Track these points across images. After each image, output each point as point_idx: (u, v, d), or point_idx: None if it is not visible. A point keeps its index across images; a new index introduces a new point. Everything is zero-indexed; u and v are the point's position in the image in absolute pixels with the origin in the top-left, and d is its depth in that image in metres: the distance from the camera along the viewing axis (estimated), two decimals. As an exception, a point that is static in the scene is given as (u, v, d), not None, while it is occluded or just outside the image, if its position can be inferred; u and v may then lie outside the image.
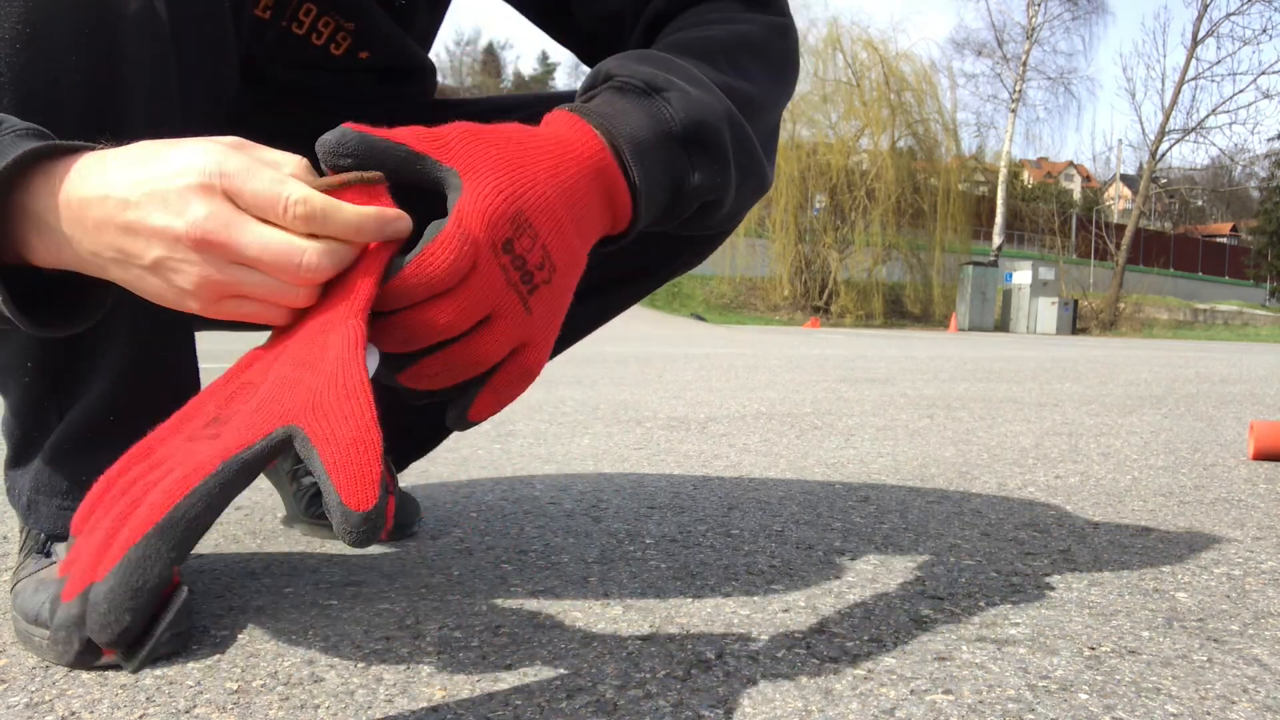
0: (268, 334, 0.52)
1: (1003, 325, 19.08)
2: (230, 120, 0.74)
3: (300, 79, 0.84)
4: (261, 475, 1.35)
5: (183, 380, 0.74)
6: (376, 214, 0.47)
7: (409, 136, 0.50)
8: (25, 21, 0.56)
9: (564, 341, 0.96)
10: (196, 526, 0.41)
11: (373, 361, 0.48)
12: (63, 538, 0.71)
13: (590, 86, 0.61)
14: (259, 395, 0.46)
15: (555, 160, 0.53)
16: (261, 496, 1.25)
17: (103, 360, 0.67)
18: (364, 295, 0.47)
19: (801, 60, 0.81)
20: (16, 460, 0.71)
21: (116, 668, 0.64)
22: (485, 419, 0.53)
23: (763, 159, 0.67)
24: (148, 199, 0.45)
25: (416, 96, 0.93)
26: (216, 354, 1.45)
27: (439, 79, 0.99)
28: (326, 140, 0.48)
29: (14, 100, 0.56)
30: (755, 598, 0.84)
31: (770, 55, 0.72)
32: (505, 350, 0.51)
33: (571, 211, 0.53)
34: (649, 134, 0.57)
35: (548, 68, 49.30)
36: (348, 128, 0.48)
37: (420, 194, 0.50)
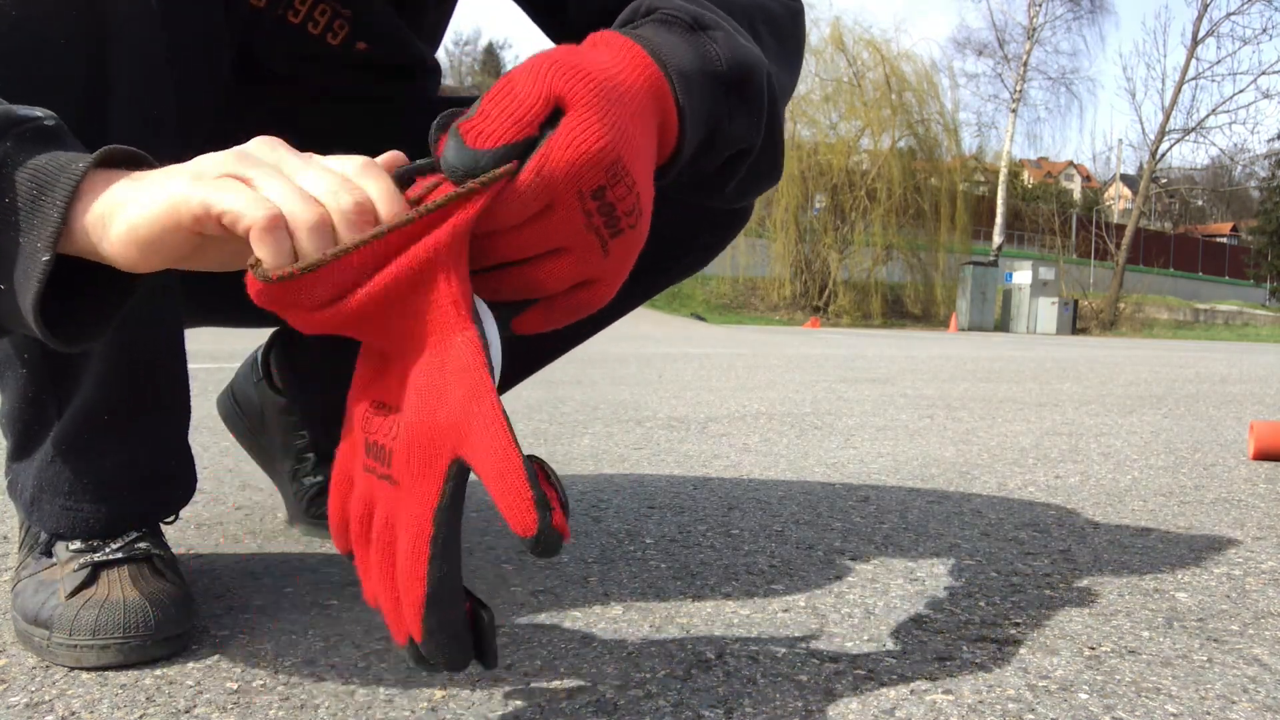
0: (266, 333, 0.52)
1: (1003, 325, 19.08)
2: (226, 114, 0.74)
3: (298, 73, 0.84)
4: (262, 475, 1.35)
5: (174, 377, 0.74)
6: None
7: (519, 125, 0.46)
8: (15, 4, 0.56)
9: (569, 343, 0.97)
10: (450, 580, 0.46)
11: (495, 347, 0.47)
12: (64, 537, 0.71)
13: (630, 19, 0.59)
14: (404, 423, 0.46)
15: (635, 91, 0.50)
16: (262, 496, 1.25)
17: (95, 354, 0.67)
18: (462, 289, 0.45)
19: (804, 60, 0.81)
20: (19, 453, 0.71)
21: (116, 668, 0.64)
22: (530, 333, 0.52)
23: (781, 137, 0.65)
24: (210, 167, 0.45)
25: (418, 94, 0.93)
26: (216, 354, 1.45)
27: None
28: (454, 170, 0.45)
29: (6, 78, 0.55)
30: (755, 598, 0.84)
31: (784, 34, 0.71)
32: (568, 284, 0.49)
33: (649, 147, 0.51)
34: (695, 68, 0.54)
35: (548, 67, 49.09)
36: (467, 144, 0.45)
37: None
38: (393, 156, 0.48)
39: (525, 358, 0.94)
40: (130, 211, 0.44)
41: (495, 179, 0.44)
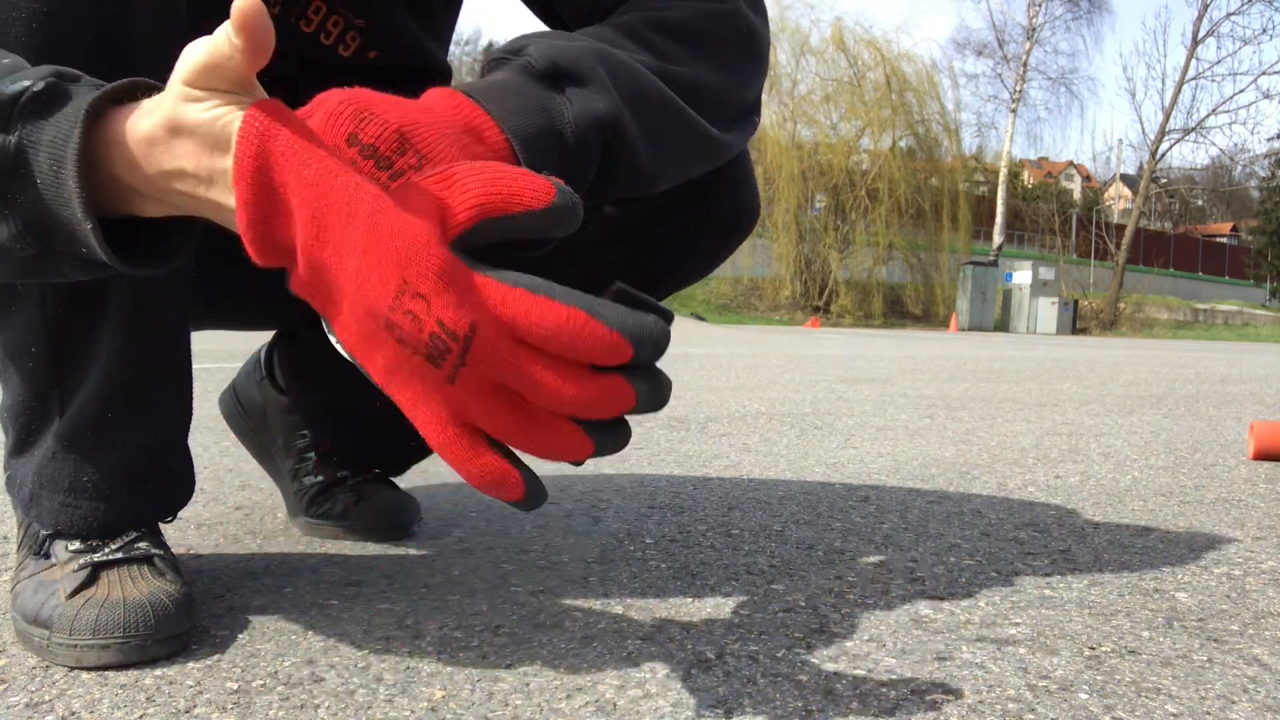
0: (266, 337, 0.52)
1: (1003, 325, 19.08)
2: None
3: (305, 77, 0.84)
4: (262, 475, 1.35)
5: (175, 376, 0.74)
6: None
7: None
8: (44, 1, 0.57)
9: None
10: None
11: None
12: (61, 535, 0.71)
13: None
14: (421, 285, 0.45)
15: (407, 99, 0.53)
16: (262, 496, 1.25)
17: (99, 351, 0.67)
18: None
19: (804, 60, 0.81)
20: (19, 449, 0.71)
21: (117, 668, 0.64)
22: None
23: (683, 106, 0.66)
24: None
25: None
26: (217, 354, 1.45)
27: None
28: None
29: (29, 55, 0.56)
30: (755, 598, 0.84)
31: (694, 35, 0.70)
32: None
33: (436, 121, 0.52)
34: (504, 78, 0.57)
35: (548, 67, 49.12)
36: None
37: None
38: None
39: None
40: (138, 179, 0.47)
41: None
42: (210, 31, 0.65)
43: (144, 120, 0.47)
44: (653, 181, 0.66)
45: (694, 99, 0.67)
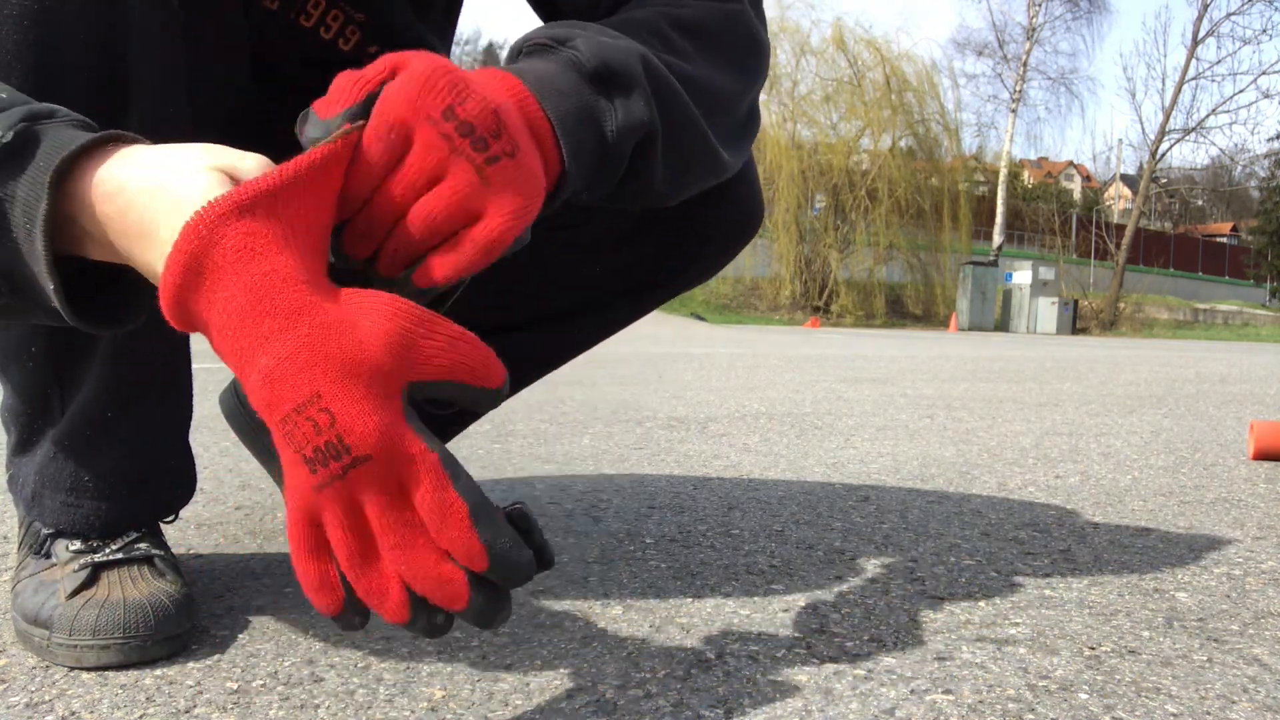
0: None
1: (1003, 325, 19.08)
2: (237, 115, 0.74)
3: (306, 74, 0.84)
4: (262, 475, 1.35)
5: (175, 376, 0.74)
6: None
7: (363, 82, 0.49)
8: None
9: (571, 352, 0.96)
10: (477, 489, 0.45)
11: None
12: (63, 534, 0.71)
13: (508, 62, 0.61)
14: (332, 404, 0.45)
15: (486, 76, 0.52)
16: (262, 497, 1.25)
17: (100, 351, 0.67)
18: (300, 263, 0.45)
19: (805, 60, 0.81)
20: (21, 448, 0.71)
21: (117, 668, 0.64)
22: (429, 284, 0.50)
23: (703, 126, 0.65)
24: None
25: None
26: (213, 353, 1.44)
27: None
28: (314, 142, 0.47)
29: (22, 71, 0.56)
30: (755, 598, 0.84)
31: (710, 37, 0.70)
32: (457, 211, 0.48)
33: (520, 102, 0.51)
34: (555, 73, 0.56)
35: (548, 67, 49.18)
36: (318, 116, 0.48)
37: None
38: None
39: (527, 364, 0.94)
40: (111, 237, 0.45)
41: (340, 135, 0.46)
42: (205, 29, 0.65)
43: (116, 177, 0.45)
44: (662, 199, 0.67)
45: (707, 101, 0.67)
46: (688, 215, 0.85)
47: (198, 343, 0.75)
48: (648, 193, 0.63)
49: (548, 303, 0.90)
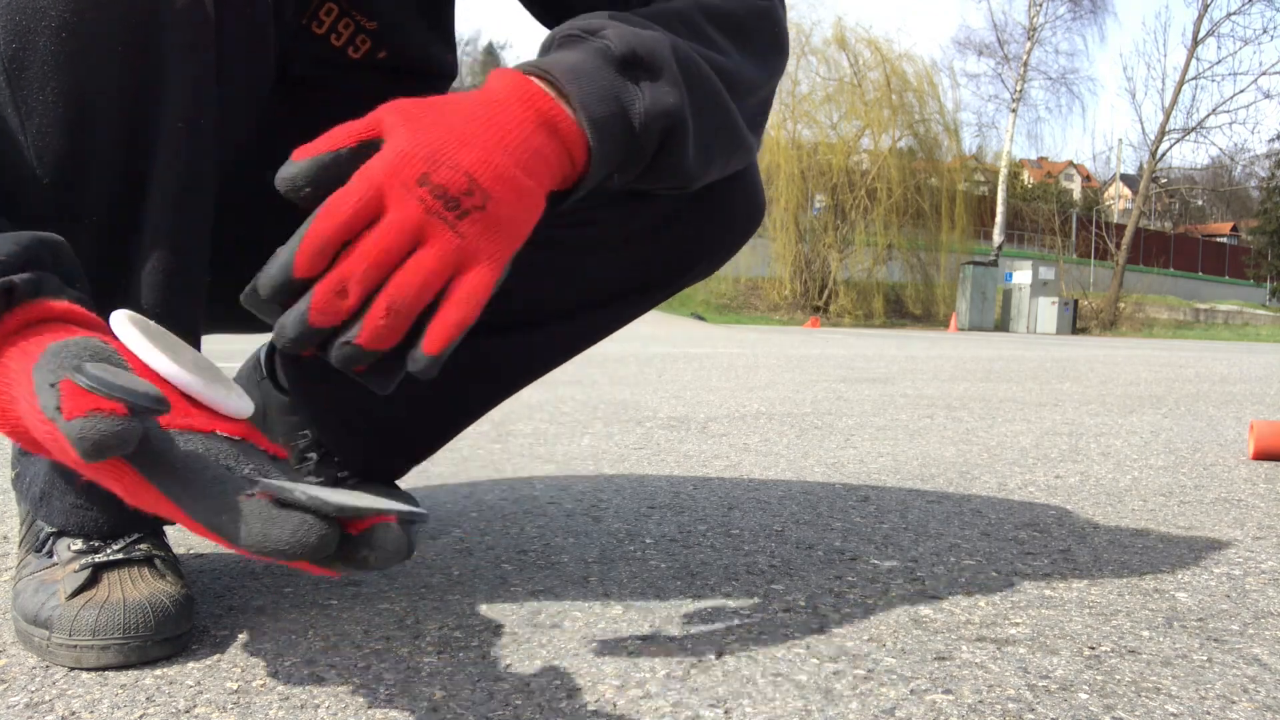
0: (265, 337, 0.53)
1: (1003, 325, 19.08)
2: (259, 123, 0.74)
3: (314, 74, 0.84)
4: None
5: None
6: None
7: (345, 136, 0.51)
8: (73, 10, 0.57)
9: (576, 348, 0.97)
10: None
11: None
12: (66, 534, 0.71)
13: (540, 54, 0.63)
14: None
15: (476, 103, 0.55)
16: (261, 496, 1.25)
17: None
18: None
19: (805, 60, 0.82)
20: None
21: (117, 668, 0.64)
22: (441, 348, 0.52)
23: (733, 109, 0.67)
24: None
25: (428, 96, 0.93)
26: (218, 354, 1.45)
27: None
28: (282, 179, 0.50)
29: (58, 90, 0.57)
30: (755, 598, 0.84)
31: (744, 31, 0.72)
32: (440, 272, 0.51)
33: (501, 142, 0.54)
34: (582, 60, 0.58)
35: (548, 67, 49.19)
36: (294, 159, 0.50)
37: None
38: None
39: (533, 361, 0.95)
40: None
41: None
42: (237, 39, 0.66)
43: None
44: (691, 182, 0.68)
45: (735, 88, 0.69)
46: (698, 211, 0.85)
47: (208, 345, 0.75)
48: (676, 174, 0.65)
49: (555, 300, 0.90)
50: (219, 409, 0.50)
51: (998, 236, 21.51)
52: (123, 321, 0.49)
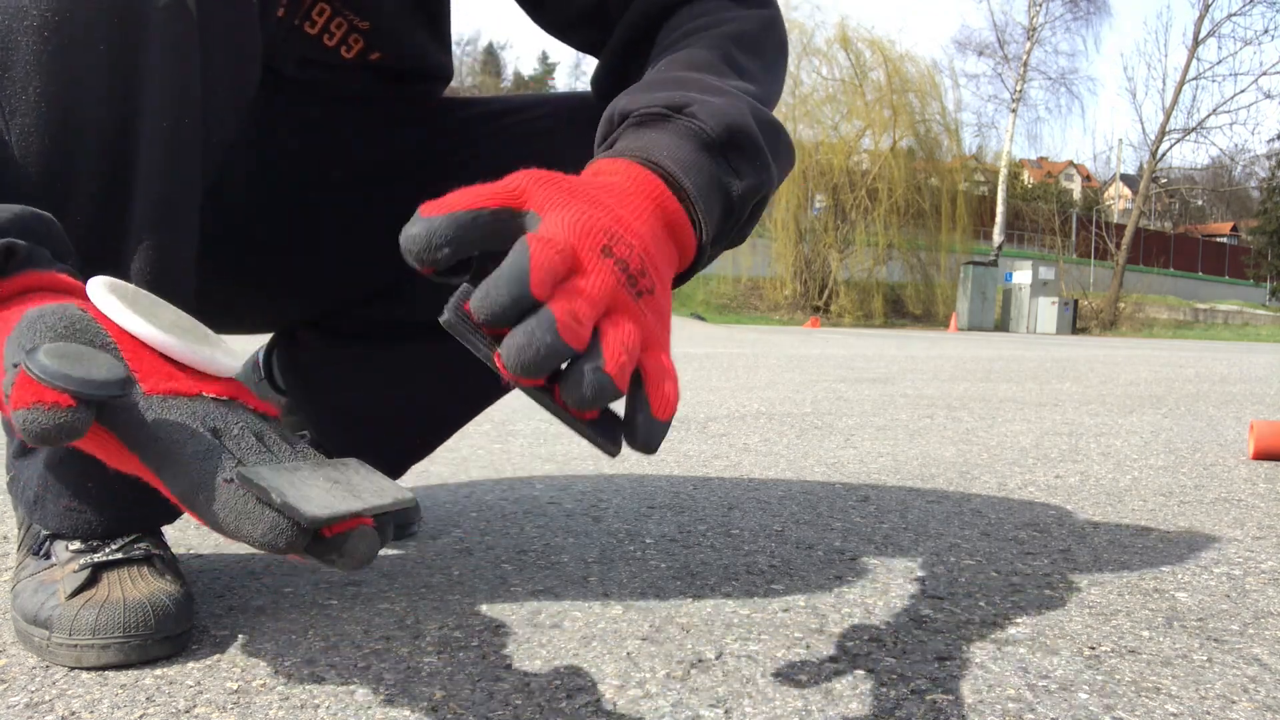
0: (264, 338, 0.52)
1: (1003, 325, 19.08)
2: (244, 125, 0.74)
3: (306, 75, 0.84)
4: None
5: None
6: None
7: (484, 197, 0.46)
8: (55, 10, 0.56)
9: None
10: None
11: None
12: (65, 537, 0.71)
13: (608, 128, 0.59)
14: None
15: (615, 187, 0.51)
16: (261, 496, 1.25)
17: None
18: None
19: (806, 60, 0.83)
20: (24, 450, 0.71)
21: (117, 668, 0.64)
22: (671, 414, 0.49)
23: (786, 134, 0.66)
24: None
25: (423, 97, 0.93)
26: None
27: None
28: (414, 236, 0.44)
29: (40, 90, 0.57)
30: (755, 598, 0.84)
31: (764, 50, 0.73)
32: (635, 346, 0.46)
33: (652, 231, 0.51)
34: (687, 151, 0.55)
35: (547, 67, 49.37)
36: (423, 214, 0.45)
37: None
38: None
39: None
40: None
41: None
42: (222, 40, 0.65)
43: None
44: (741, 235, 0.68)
45: (772, 106, 0.69)
46: None
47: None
48: (740, 236, 0.64)
49: None
50: (204, 368, 0.49)
51: (998, 236, 21.52)
52: (99, 288, 0.48)
